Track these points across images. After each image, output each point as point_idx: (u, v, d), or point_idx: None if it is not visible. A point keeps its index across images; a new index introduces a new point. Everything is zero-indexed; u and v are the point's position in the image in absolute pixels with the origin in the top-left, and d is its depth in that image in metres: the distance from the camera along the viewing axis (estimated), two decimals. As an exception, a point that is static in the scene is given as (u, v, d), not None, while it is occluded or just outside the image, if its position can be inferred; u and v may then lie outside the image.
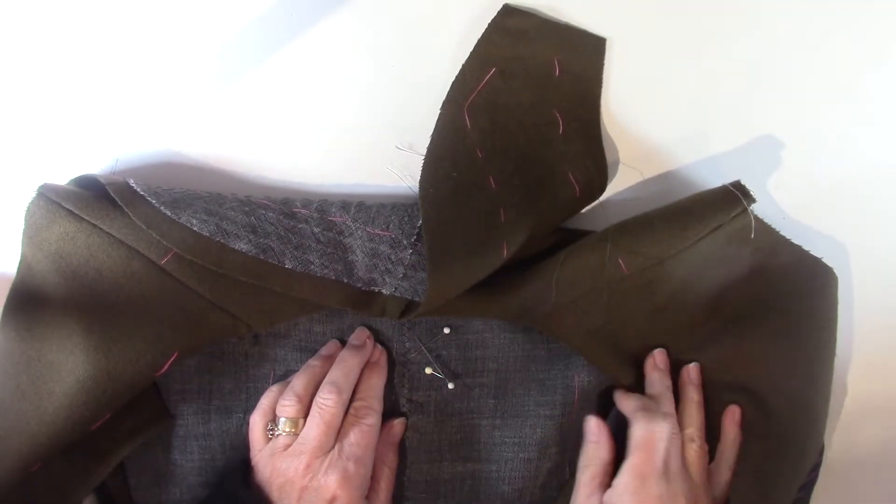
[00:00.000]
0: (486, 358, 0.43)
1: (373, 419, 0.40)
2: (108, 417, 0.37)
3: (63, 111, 0.41)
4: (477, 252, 0.38)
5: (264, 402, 0.40)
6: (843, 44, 0.41)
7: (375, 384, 0.41)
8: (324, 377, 0.40)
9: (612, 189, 0.42)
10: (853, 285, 0.44)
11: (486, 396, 0.43)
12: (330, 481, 0.37)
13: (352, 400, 0.40)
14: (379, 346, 0.42)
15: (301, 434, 0.38)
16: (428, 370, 0.42)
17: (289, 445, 0.38)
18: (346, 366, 0.40)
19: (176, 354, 0.37)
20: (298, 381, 0.40)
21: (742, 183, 0.38)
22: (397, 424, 0.42)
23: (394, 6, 0.40)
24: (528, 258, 0.40)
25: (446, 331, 0.42)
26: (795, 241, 0.41)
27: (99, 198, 0.37)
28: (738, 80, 0.41)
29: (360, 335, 0.42)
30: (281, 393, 0.40)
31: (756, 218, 0.39)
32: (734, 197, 0.38)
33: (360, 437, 0.39)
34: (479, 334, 0.43)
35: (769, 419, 0.39)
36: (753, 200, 0.38)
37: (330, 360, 0.41)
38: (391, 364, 0.43)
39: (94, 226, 0.37)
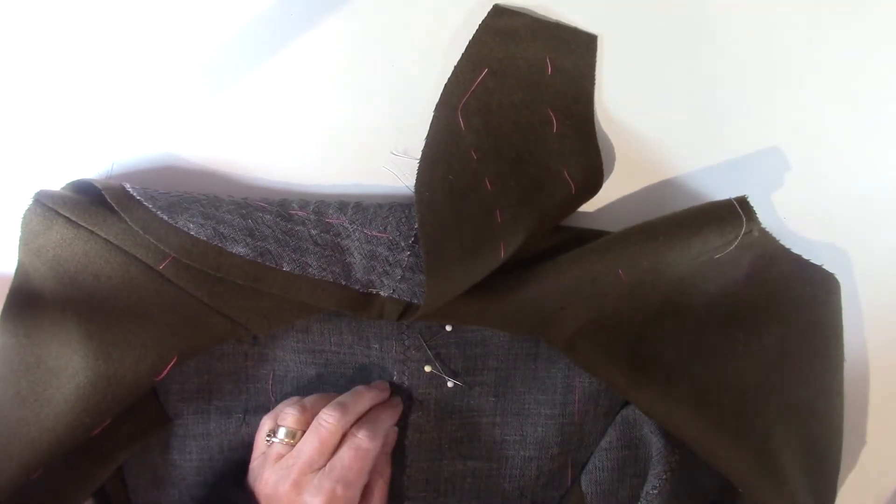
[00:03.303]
0: (486, 356, 0.43)
1: (370, 445, 0.38)
2: (108, 423, 0.37)
3: (58, 115, 0.41)
4: (474, 254, 0.37)
5: (279, 406, 0.40)
6: (844, 50, 0.41)
7: (383, 418, 0.40)
8: None
9: (609, 186, 0.42)
10: (857, 291, 0.44)
11: (486, 394, 0.43)
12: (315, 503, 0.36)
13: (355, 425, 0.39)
14: (398, 397, 0.42)
15: (296, 447, 0.38)
16: (427, 368, 0.42)
17: (282, 456, 0.38)
18: (358, 394, 0.40)
19: (175, 359, 0.37)
20: (312, 397, 0.40)
21: (748, 200, 0.38)
22: (390, 433, 0.42)
23: (386, 10, 0.40)
24: (528, 258, 0.40)
25: (448, 328, 0.42)
26: (794, 246, 0.41)
27: (95, 203, 0.37)
28: (734, 77, 0.41)
29: (381, 384, 0.42)
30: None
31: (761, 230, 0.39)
32: (740, 221, 0.37)
33: (353, 461, 0.37)
34: (478, 332, 0.43)
35: (788, 431, 0.39)
36: (759, 224, 0.38)
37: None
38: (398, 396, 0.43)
39: (91, 232, 0.37)
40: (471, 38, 0.40)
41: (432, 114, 0.40)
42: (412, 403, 0.43)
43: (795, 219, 0.43)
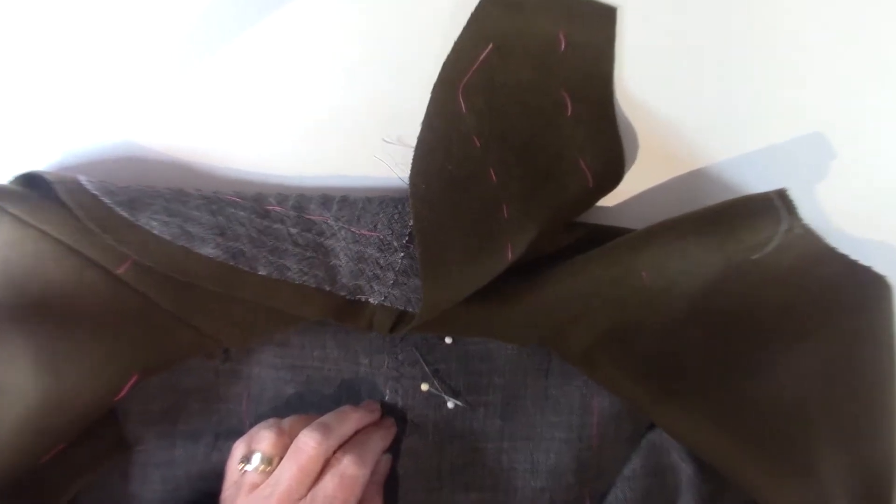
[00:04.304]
0: (491, 372, 0.41)
1: (357, 471, 0.36)
2: (60, 448, 0.35)
3: (2, 101, 0.40)
4: (477, 254, 0.36)
5: (254, 429, 0.38)
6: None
7: (374, 440, 0.39)
8: None
9: (631, 177, 0.41)
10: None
11: (491, 416, 0.41)
12: None
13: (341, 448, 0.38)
14: (391, 418, 0.41)
15: (273, 475, 0.36)
16: (424, 386, 0.41)
17: (257, 485, 0.36)
18: (342, 415, 0.38)
19: (136, 376, 0.35)
20: (291, 418, 0.38)
21: (787, 193, 0.37)
22: (383, 461, 0.40)
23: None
24: (538, 260, 0.39)
25: (448, 340, 0.41)
26: (840, 245, 0.39)
27: (46, 199, 0.36)
28: (774, 52, 0.39)
29: (370, 404, 0.41)
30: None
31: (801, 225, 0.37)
32: (779, 217, 0.36)
33: (337, 490, 0.35)
34: (482, 345, 0.41)
35: (835, 455, 0.37)
36: (800, 220, 0.37)
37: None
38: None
39: (42, 231, 0.35)
40: (473, 9, 0.38)
41: (429, 95, 0.38)
42: (407, 426, 0.41)
43: (841, 215, 0.42)
